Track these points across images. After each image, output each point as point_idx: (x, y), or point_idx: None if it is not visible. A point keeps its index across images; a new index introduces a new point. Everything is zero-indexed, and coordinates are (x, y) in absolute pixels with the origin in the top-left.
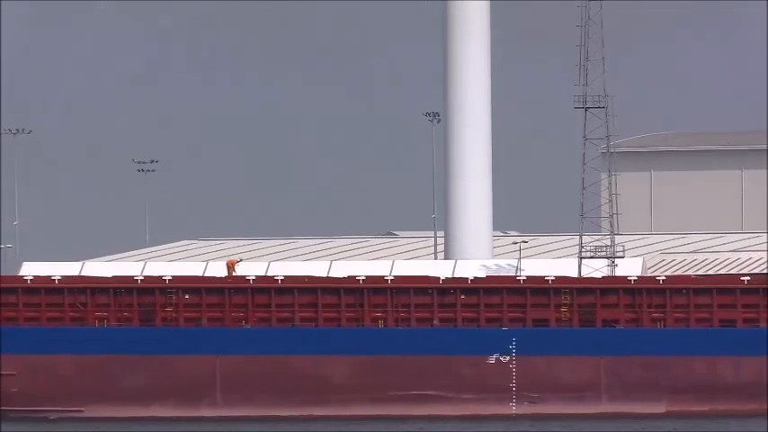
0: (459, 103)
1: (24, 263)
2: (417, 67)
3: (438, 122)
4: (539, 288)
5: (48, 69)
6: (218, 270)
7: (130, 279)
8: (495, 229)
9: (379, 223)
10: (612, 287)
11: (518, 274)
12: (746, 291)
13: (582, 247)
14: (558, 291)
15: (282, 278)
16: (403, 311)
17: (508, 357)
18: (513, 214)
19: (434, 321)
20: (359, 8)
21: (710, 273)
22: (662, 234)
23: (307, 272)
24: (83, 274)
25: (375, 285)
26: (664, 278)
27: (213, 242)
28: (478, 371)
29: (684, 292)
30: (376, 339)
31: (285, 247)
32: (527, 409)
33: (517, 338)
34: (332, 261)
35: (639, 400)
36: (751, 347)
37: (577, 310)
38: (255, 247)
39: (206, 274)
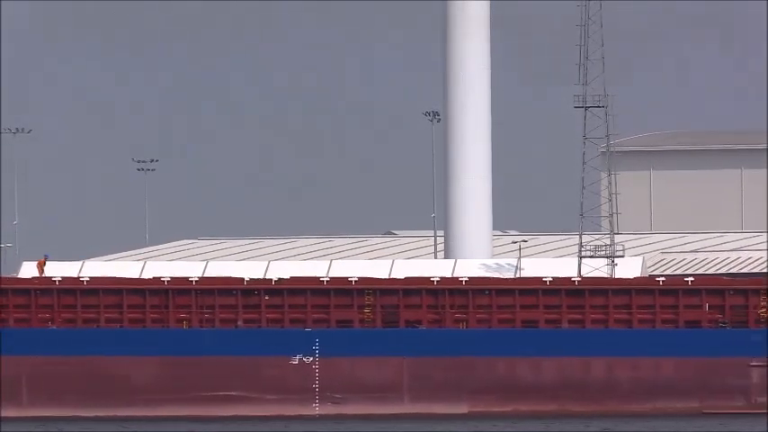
0: (459, 103)
1: (24, 262)
2: (417, 67)
3: (438, 122)
4: (342, 289)
5: (48, 69)
6: (217, 270)
7: None
8: (494, 228)
9: (379, 223)
10: (415, 288)
11: (517, 273)
12: (548, 292)
13: (582, 246)
14: (361, 292)
15: (88, 279)
16: (207, 312)
17: (311, 358)
18: (512, 214)
19: (239, 322)
20: (359, 8)
21: (710, 272)
22: (662, 234)
23: (306, 272)
24: (82, 273)
25: (180, 287)
26: (466, 279)
27: (213, 242)
28: (282, 372)
29: (487, 292)
30: (180, 340)
31: (285, 247)
32: (330, 409)
33: (320, 339)
34: (332, 261)
35: (441, 401)
36: (552, 348)
37: (380, 310)
38: (255, 246)
39: (205, 274)
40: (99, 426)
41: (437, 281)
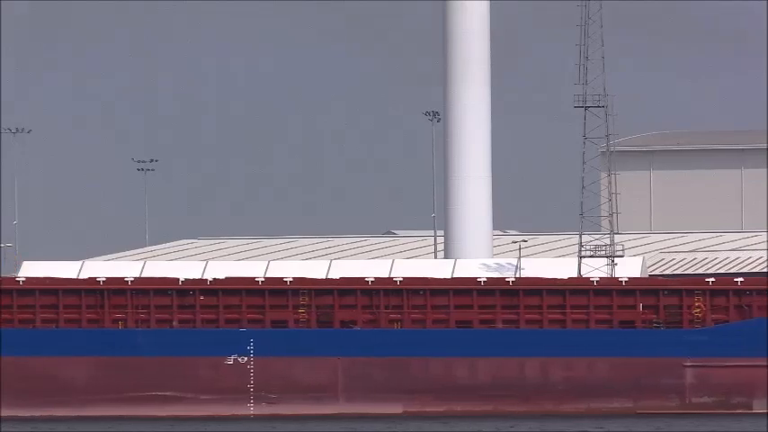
0: (459, 103)
1: (24, 262)
2: (417, 67)
3: (438, 122)
4: (277, 289)
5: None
6: (217, 270)
7: None
8: (494, 228)
9: (379, 222)
10: (350, 288)
11: (517, 273)
12: (483, 292)
13: (581, 246)
14: (296, 292)
15: (24, 279)
16: (143, 313)
17: (246, 358)
18: (512, 213)
19: (174, 323)
20: (359, 7)
21: (710, 272)
22: (662, 233)
23: (306, 272)
24: (82, 274)
25: (115, 287)
26: (401, 279)
27: (213, 242)
28: (216, 372)
29: (421, 293)
30: (115, 340)
31: (285, 247)
32: (265, 409)
33: (255, 339)
34: (331, 260)
35: (377, 401)
36: (487, 348)
37: (315, 311)
38: (255, 246)
39: (205, 275)
40: (35, 426)
41: (372, 281)
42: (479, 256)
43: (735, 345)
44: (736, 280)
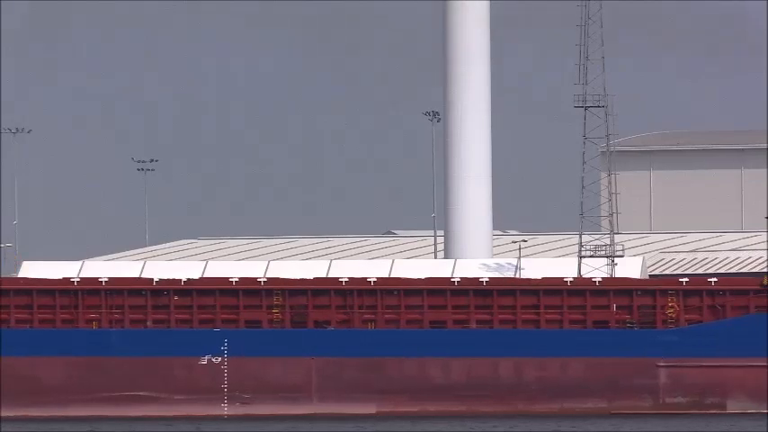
0: (459, 103)
1: (24, 262)
2: (417, 67)
3: (438, 122)
4: (251, 289)
5: (48, 69)
6: (217, 270)
7: None
8: (494, 228)
9: (379, 222)
10: (324, 288)
11: (517, 273)
12: (456, 292)
13: (581, 246)
14: (270, 292)
15: None
16: (117, 313)
17: (220, 358)
18: (512, 213)
19: (148, 323)
20: (359, 7)
21: (710, 272)
22: (662, 233)
23: (306, 272)
24: (81, 273)
25: (89, 287)
26: (374, 279)
27: (213, 242)
28: (190, 372)
29: (395, 293)
30: (90, 340)
31: (285, 247)
32: (239, 409)
33: (229, 339)
34: (331, 260)
35: (350, 401)
36: (460, 349)
37: (289, 311)
38: (255, 246)
39: (205, 274)
40: (9, 426)
41: (345, 281)
42: (479, 256)
43: (708, 345)
44: (709, 280)
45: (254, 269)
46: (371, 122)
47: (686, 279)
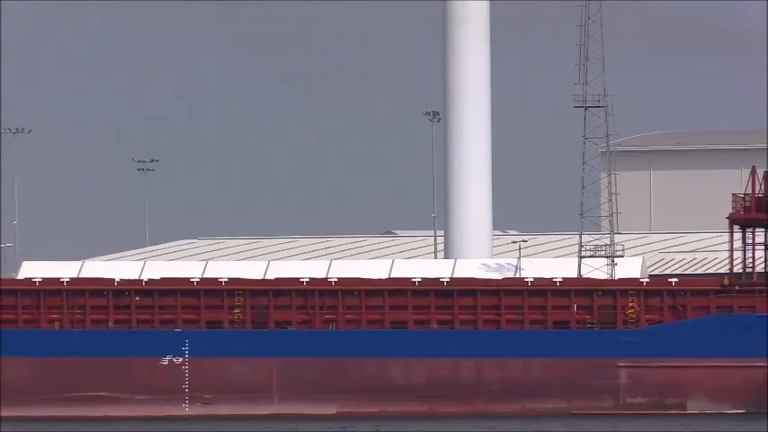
0: (459, 103)
1: (24, 262)
2: (417, 67)
3: (438, 122)
4: (212, 290)
5: (48, 69)
6: (217, 270)
7: None
8: (494, 228)
9: (379, 222)
10: (285, 288)
11: (517, 273)
12: (417, 293)
13: (581, 246)
14: (231, 292)
15: None
16: (78, 313)
17: (181, 359)
18: (512, 213)
19: (109, 323)
20: (359, 7)
21: (710, 272)
22: (661, 233)
23: (305, 272)
24: (81, 273)
25: (51, 287)
26: (335, 280)
27: (213, 242)
28: (151, 372)
29: (356, 293)
30: (51, 341)
31: (285, 247)
32: (200, 410)
33: (190, 340)
34: (331, 260)
35: (311, 401)
36: (421, 349)
37: (250, 311)
38: (255, 246)
39: (205, 274)
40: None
41: (306, 281)
42: (479, 256)
43: (669, 345)
44: (670, 280)
45: (254, 269)
46: (371, 122)
47: (647, 279)
